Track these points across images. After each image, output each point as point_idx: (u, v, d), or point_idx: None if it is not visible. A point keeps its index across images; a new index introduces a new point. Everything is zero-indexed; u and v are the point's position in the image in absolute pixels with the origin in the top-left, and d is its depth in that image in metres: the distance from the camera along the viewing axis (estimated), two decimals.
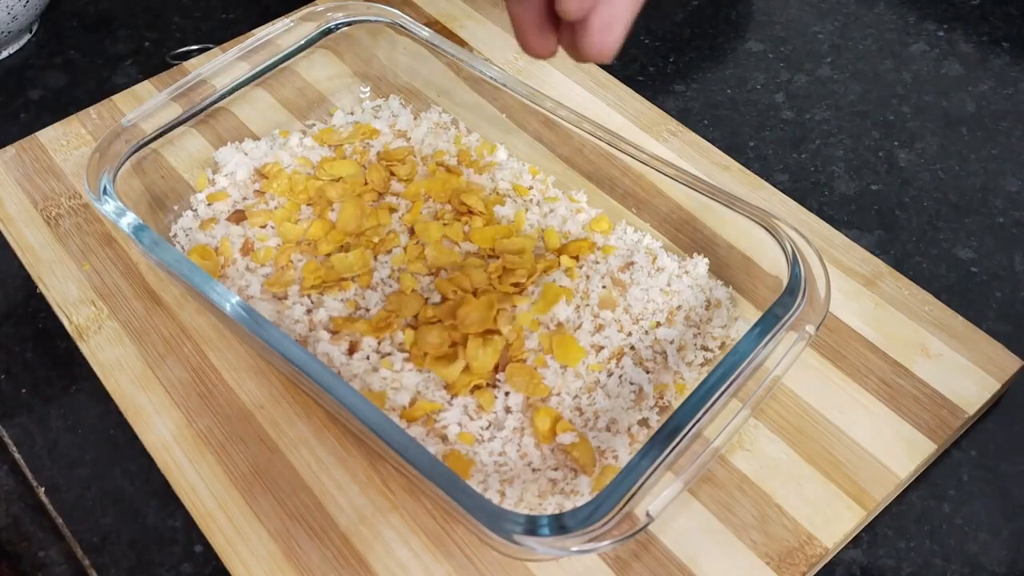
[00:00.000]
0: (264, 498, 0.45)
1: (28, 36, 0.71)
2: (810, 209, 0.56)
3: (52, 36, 0.71)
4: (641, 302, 0.49)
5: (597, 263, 0.51)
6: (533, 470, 0.44)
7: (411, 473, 0.40)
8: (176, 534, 0.45)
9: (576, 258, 0.51)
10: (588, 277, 0.50)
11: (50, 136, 0.61)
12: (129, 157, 0.52)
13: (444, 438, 0.45)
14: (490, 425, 0.45)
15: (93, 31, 0.71)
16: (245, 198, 0.55)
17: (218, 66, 0.55)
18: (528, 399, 0.46)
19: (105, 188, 0.49)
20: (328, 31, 0.58)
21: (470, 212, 0.53)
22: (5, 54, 0.69)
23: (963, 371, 0.48)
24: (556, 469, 0.44)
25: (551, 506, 0.42)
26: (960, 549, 0.44)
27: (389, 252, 0.52)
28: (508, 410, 0.46)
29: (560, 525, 0.37)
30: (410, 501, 0.45)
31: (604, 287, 0.50)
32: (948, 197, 0.58)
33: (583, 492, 0.43)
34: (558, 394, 0.46)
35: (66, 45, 0.70)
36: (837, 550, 0.44)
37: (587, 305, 0.49)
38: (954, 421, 0.46)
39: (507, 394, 0.46)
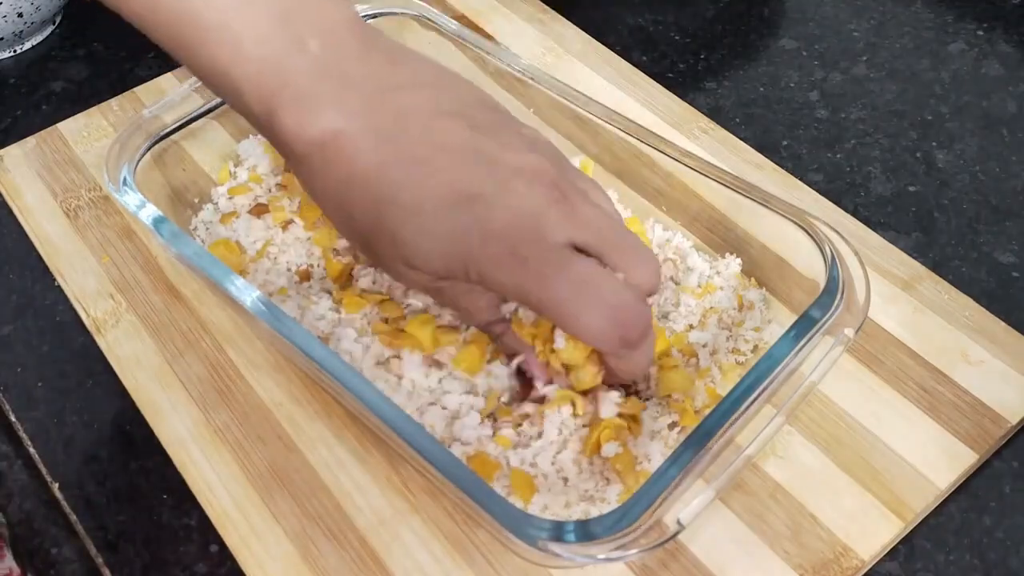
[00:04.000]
0: (281, 498, 0.44)
1: (51, 27, 0.70)
2: (846, 210, 0.55)
3: (75, 28, 0.71)
4: (671, 303, 0.48)
5: None
6: (565, 482, 0.42)
7: (433, 475, 0.39)
8: (191, 533, 0.44)
9: None
10: None
11: (71, 128, 0.61)
12: (150, 149, 0.51)
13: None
14: (531, 438, 0.44)
15: (116, 23, 0.70)
16: (270, 190, 0.54)
17: None
18: (574, 412, 0.44)
19: (125, 180, 0.48)
20: None
21: None
22: (28, 45, 0.69)
23: (1005, 378, 0.47)
24: (587, 479, 0.42)
25: (577, 512, 0.41)
26: (1002, 563, 0.42)
27: None
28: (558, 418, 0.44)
29: (587, 532, 0.35)
30: (431, 504, 0.43)
31: None
32: (988, 199, 0.56)
33: (610, 499, 0.41)
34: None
35: (89, 37, 0.70)
36: (873, 563, 0.42)
37: None
38: (996, 430, 0.45)
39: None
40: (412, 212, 0.38)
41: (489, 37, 0.65)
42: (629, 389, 0.45)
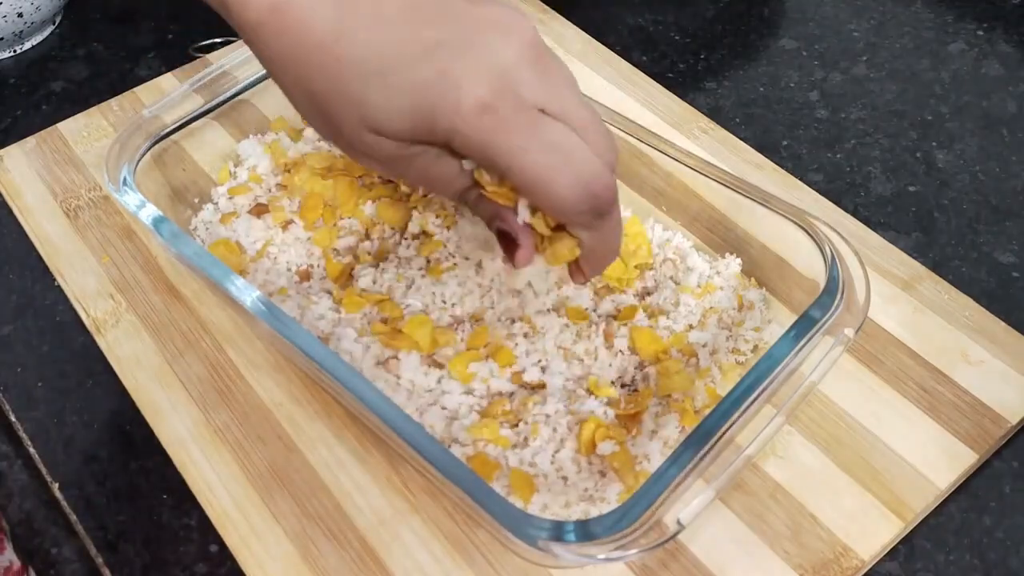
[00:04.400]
0: (281, 498, 0.44)
1: (51, 27, 0.70)
2: (846, 210, 0.55)
3: (75, 28, 0.71)
4: (671, 303, 0.48)
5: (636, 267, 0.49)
6: (565, 481, 0.42)
7: (433, 475, 0.39)
8: (191, 533, 0.44)
9: None
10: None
11: (71, 128, 0.61)
12: (150, 149, 0.51)
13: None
14: (526, 438, 0.44)
15: (117, 23, 0.71)
16: (269, 190, 0.54)
17: (241, 58, 0.54)
18: (569, 408, 0.44)
19: (125, 180, 0.48)
20: None
21: None
22: (28, 45, 0.69)
23: (1005, 378, 0.47)
24: (587, 478, 0.42)
25: (577, 512, 0.41)
26: (1002, 563, 0.42)
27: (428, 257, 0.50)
28: (547, 417, 0.44)
29: (587, 532, 0.35)
30: (431, 504, 0.43)
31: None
32: (988, 199, 0.56)
33: (610, 499, 0.41)
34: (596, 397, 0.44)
35: (89, 37, 0.70)
36: (873, 563, 0.42)
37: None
38: (996, 430, 0.45)
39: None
40: (376, 67, 0.36)
41: None
42: (628, 387, 0.45)
